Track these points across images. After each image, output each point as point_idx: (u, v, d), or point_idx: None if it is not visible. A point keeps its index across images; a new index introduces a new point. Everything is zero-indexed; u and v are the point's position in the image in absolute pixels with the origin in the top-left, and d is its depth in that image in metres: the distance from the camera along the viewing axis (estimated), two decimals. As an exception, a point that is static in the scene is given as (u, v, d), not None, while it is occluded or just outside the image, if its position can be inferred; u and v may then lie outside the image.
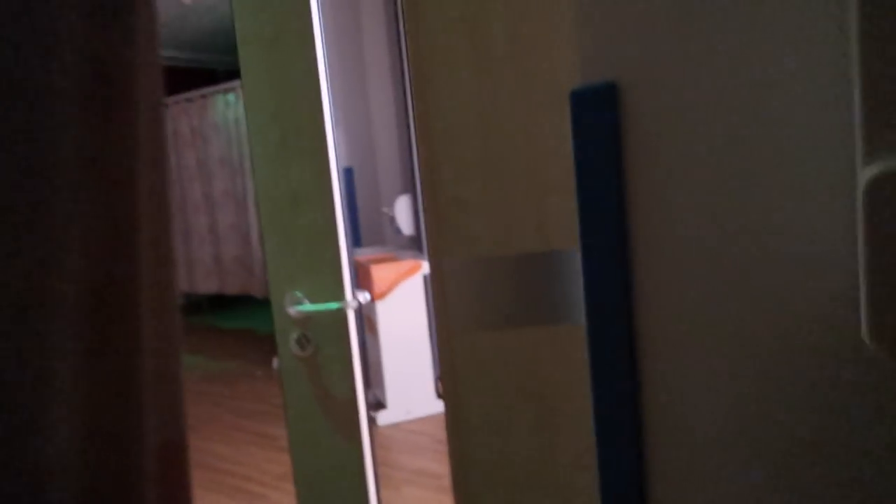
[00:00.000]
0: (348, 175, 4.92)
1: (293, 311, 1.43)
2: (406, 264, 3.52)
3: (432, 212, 1.41)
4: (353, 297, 1.43)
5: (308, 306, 1.43)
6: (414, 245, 4.11)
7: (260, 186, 1.43)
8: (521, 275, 1.38)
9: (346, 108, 4.96)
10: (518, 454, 1.42)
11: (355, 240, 4.93)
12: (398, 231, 3.81)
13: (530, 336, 1.37)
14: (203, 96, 6.23)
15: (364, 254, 4.31)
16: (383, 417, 3.55)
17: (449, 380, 1.41)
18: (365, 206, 5.01)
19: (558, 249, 1.35)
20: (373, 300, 3.52)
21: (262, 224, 1.45)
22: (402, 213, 3.75)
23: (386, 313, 3.50)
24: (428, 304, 3.63)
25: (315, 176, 1.40)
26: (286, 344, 1.46)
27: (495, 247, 1.38)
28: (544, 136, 1.30)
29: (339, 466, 1.50)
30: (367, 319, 3.80)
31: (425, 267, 3.55)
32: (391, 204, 4.34)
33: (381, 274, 3.48)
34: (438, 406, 3.65)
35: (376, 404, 3.75)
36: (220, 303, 7.42)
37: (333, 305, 1.41)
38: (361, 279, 3.77)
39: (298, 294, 1.45)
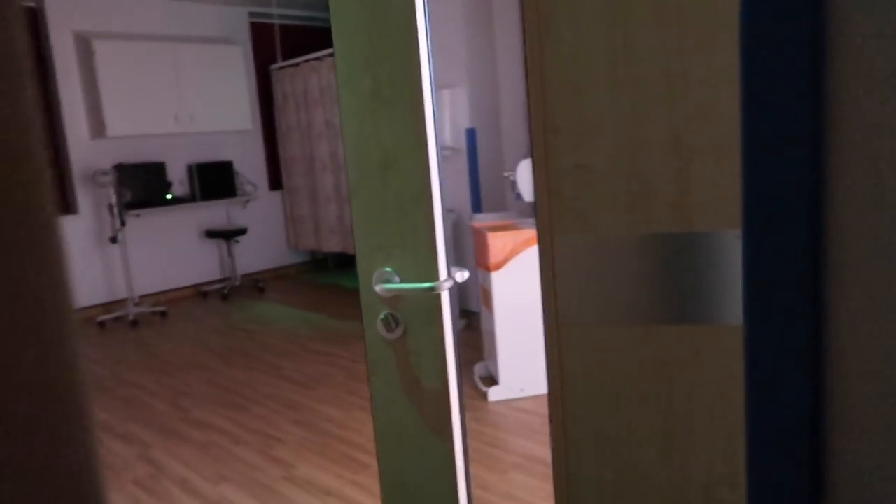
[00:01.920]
0: (471, 136, 4.72)
1: (380, 288, 1.26)
2: (525, 233, 3.29)
3: (544, 180, 1.17)
4: (447, 277, 1.24)
5: (396, 284, 1.25)
6: (536, 213, 3.85)
7: (348, 146, 1.25)
8: (652, 260, 1.12)
9: (472, 67, 4.73)
10: (639, 473, 1.18)
11: (475, 205, 4.74)
12: (519, 197, 3.58)
13: (658, 336, 1.12)
14: (331, 55, 6.23)
15: (483, 220, 4.12)
16: (494, 393, 3.38)
17: (554, 381, 1.19)
18: (487, 170, 4.80)
19: (701, 231, 1.07)
20: (489, 270, 3.33)
21: (349, 189, 1.28)
22: (524, 178, 3.50)
23: (502, 284, 3.30)
24: (547, 277, 3.38)
25: (409, 134, 1.21)
26: (373, 324, 1.30)
27: (621, 225, 1.13)
28: (690, 86, 1.02)
29: (428, 467, 1.33)
30: (482, 290, 3.62)
31: (546, 237, 3.29)
32: (514, 168, 4.10)
33: (498, 242, 3.27)
34: (554, 386, 3.43)
35: (488, 378, 3.59)
36: (345, 262, 7.55)
37: (424, 285, 1.23)
38: (478, 247, 3.58)
39: (388, 270, 1.27)
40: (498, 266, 3.28)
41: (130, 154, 6.17)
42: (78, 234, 5.94)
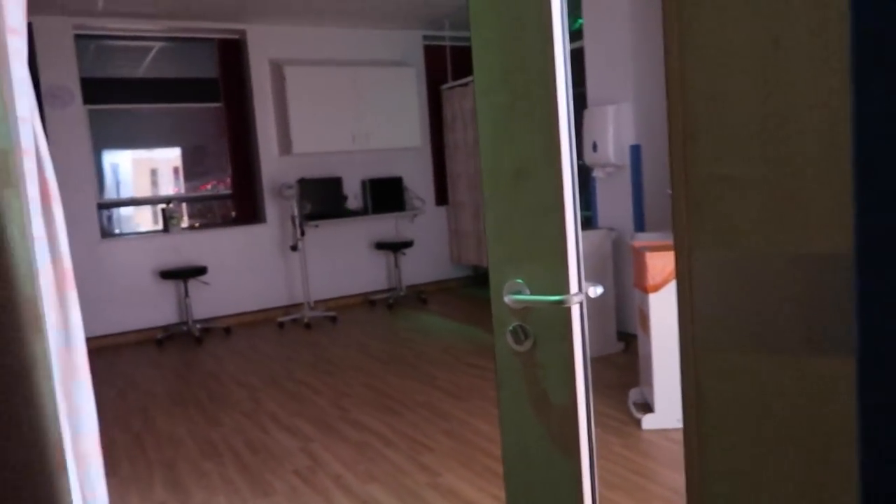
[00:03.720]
0: (635, 153, 4.56)
1: (510, 299, 1.26)
2: (687, 254, 3.11)
3: (682, 192, 1.11)
4: (578, 290, 1.21)
5: (526, 296, 1.24)
6: (672, 226, 3.63)
7: (484, 157, 1.27)
8: (804, 283, 1.02)
9: (638, 82, 4.59)
10: (781, 518, 1.07)
11: (638, 223, 4.57)
12: (682, 216, 3.39)
13: (810, 368, 1.01)
14: (500, 75, 6.34)
15: (644, 239, 3.95)
16: (649, 421, 3.22)
17: (690, 409, 1.11)
18: (652, 188, 4.61)
19: (862, 252, 0.96)
20: (646, 292, 3.19)
21: (483, 199, 1.30)
22: (690, 196, 3.32)
23: (660, 307, 3.14)
24: (711, 302, 3.17)
25: (543, 147, 1.20)
26: (503, 335, 1.30)
27: (770, 242, 1.04)
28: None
29: (554, 483, 1.30)
30: (638, 312, 3.47)
31: (711, 259, 3.09)
32: (678, 186, 3.90)
33: (657, 262, 3.12)
34: (715, 419, 3.19)
35: (643, 405, 3.43)
36: (506, 278, 7.60)
37: (553, 298, 1.21)
38: (636, 267, 3.45)
39: (518, 281, 1.27)
40: (656, 288, 3.13)
41: (312, 169, 6.70)
42: (265, 241, 6.54)
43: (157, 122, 6.54)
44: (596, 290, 1.24)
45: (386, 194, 7.01)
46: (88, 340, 6.41)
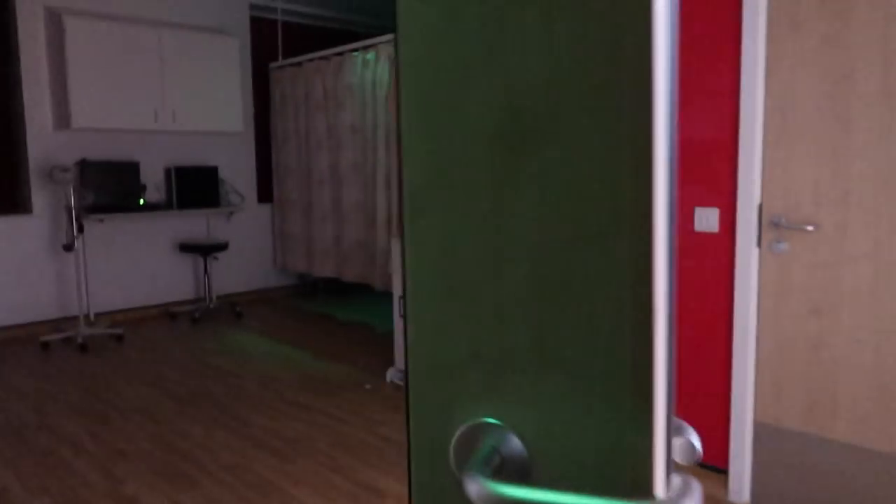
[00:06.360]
0: None
1: (477, 483, 0.45)
2: None
3: None
4: (681, 492, 0.44)
5: (520, 491, 0.44)
6: None
7: (408, 98, 0.47)
8: None
9: None
10: None
11: None
12: None
13: None
14: (339, 54, 5.48)
15: None
16: None
17: None
18: None
19: None
20: None
21: (403, 203, 0.49)
22: None
23: None
24: None
25: (580, 59, 0.42)
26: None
27: None
28: None
29: None
30: None
31: None
32: None
33: None
34: None
35: None
36: (339, 290, 6.72)
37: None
38: None
39: (492, 424, 0.46)
40: None
41: (99, 150, 5.36)
42: (29, 238, 5.09)
43: None
44: (696, 453, 0.47)
45: (196, 186, 5.83)
46: None
